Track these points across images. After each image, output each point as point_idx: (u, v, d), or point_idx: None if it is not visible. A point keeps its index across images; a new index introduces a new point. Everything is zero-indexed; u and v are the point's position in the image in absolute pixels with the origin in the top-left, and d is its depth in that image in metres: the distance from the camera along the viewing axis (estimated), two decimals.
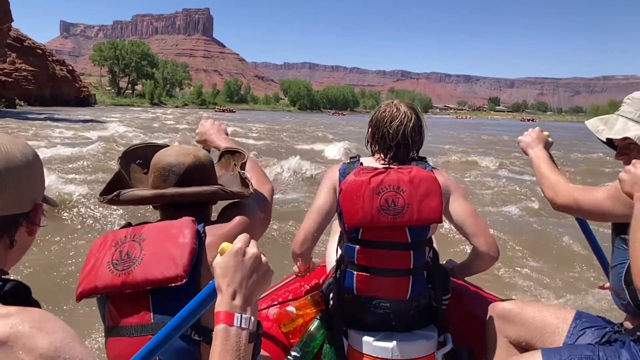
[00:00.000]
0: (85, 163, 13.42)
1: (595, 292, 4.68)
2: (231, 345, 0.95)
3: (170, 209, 1.48)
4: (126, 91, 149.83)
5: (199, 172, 1.49)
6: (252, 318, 0.99)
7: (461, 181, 11.52)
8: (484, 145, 27.89)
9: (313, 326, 2.16)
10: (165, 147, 1.61)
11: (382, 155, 2.09)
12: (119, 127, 26.41)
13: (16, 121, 35.26)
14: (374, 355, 1.98)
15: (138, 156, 1.66)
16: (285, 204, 8.68)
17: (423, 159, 2.11)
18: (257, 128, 35.53)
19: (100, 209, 7.31)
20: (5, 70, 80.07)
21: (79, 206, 7.38)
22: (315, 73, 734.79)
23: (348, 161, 2.14)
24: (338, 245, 2.17)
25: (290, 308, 2.22)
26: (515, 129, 69.20)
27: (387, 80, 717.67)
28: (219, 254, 1.04)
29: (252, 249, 1.03)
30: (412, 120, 2.06)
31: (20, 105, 74.26)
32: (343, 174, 2.05)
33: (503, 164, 16.83)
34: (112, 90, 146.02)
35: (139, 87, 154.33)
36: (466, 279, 2.37)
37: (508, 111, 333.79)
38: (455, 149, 22.64)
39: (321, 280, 2.43)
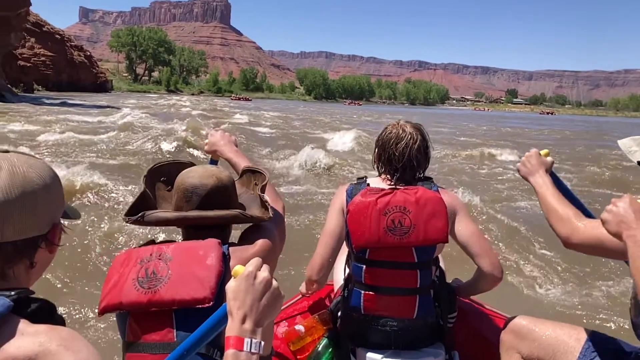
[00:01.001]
0: (99, 148, 13.37)
1: (611, 310, 4.41)
2: None
3: (192, 229, 1.52)
4: (143, 78, 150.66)
5: (221, 194, 1.52)
6: (262, 342, 0.99)
7: (478, 187, 11.10)
8: (505, 137, 27.37)
9: (321, 345, 2.22)
10: (190, 164, 1.68)
11: (388, 176, 2.13)
12: (134, 113, 26.36)
13: (32, 106, 35.57)
14: None
15: (163, 173, 1.71)
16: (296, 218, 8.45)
17: (429, 179, 2.14)
18: (271, 116, 35.33)
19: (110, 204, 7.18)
20: (24, 55, 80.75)
21: (94, 195, 7.27)
22: (331, 62, 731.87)
23: (355, 182, 2.18)
24: (346, 264, 2.22)
25: (299, 327, 2.26)
26: (536, 121, 68.55)
27: (404, 70, 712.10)
28: (232, 277, 1.04)
29: (264, 273, 1.03)
30: (418, 142, 2.09)
31: (38, 90, 74.95)
32: (350, 195, 2.09)
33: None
34: (129, 77, 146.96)
35: (155, 74, 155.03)
36: (472, 297, 2.41)
37: (526, 104, 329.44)
38: (476, 142, 22.17)
39: (328, 299, 2.50)
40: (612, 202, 1.46)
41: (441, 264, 2.21)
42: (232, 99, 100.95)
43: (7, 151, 1.00)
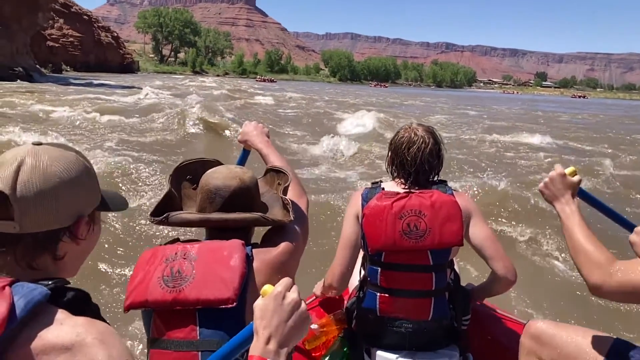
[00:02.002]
0: (123, 128, 13.26)
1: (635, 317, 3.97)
2: None
3: (216, 230, 1.56)
4: (169, 59, 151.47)
5: (244, 195, 1.55)
6: None
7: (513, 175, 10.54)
8: (536, 121, 26.50)
9: (336, 344, 2.27)
10: (216, 162, 1.72)
11: (402, 180, 2.14)
12: (158, 93, 26.41)
13: (59, 86, 35.87)
14: None
15: (189, 171, 1.75)
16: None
17: (444, 182, 2.15)
18: (295, 97, 34.93)
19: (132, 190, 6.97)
20: (53, 36, 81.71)
21: (119, 179, 7.09)
22: (356, 44, 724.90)
23: (370, 186, 2.19)
24: (361, 266, 2.23)
25: (314, 326, 2.26)
26: (568, 105, 66.58)
27: (430, 52, 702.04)
28: (260, 296, 1.04)
29: (293, 294, 1.03)
30: (430, 145, 2.10)
31: (67, 70, 75.90)
32: (365, 199, 2.11)
33: (567, 147, 15.43)
34: (155, 58, 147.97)
35: (181, 55, 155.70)
36: (485, 300, 2.42)
37: (555, 87, 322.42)
38: (506, 125, 21.41)
39: (342, 299, 2.52)
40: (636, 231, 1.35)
41: (455, 267, 2.23)
42: (256, 81, 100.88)
43: (39, 143, 1.01)
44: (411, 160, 2.09)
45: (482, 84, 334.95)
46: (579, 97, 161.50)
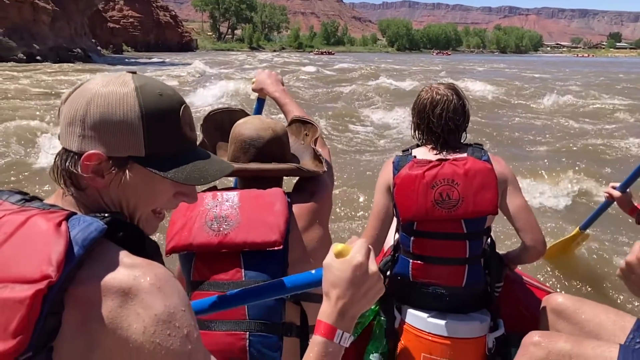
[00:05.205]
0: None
1: None
2: None
3: (250, 180, 1.59)
4: (226, 36, 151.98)
5: (276, 146, 1.58)
6: (350, 336, 0.96)
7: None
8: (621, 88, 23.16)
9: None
10: (241, 112, 1.77)
11: (432, 145, 2.07)
12: (210, 69, 26.40)
13: (111, 65, 36.10)
14: (426, 331, 2.02)
15: (216, 121, 1.77)
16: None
17: (479, 146, 2.08)
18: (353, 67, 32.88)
19: None
20: (114, 18, 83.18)
21: None
22: (414, 12, 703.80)
23: (401, 154, 2.14)
24: (395, 230, 2.19)
25: None
26: None
27: (492, 17, 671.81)
28: (333, 255, 0.96)
29: (373, 267, 0.95)
30: (453, 102, 2.02)
31: (127, 51, 76.99)
32: (397, 167, 2.06)
33: None
34: (213, 36, 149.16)
35: (238, 32, 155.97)
36: (519, 268, 2.41)
37: (631, 48, 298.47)
38: (586, 94, 18.47)
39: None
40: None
41: (492, 233, 2.16)
42: (314, 54, 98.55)
43: (134, 72, 0.93)
44: (437, 121, 2.00)
45: (549, 48, 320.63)
46: None
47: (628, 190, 2.52)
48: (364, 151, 8.24)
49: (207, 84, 15.96)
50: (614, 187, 2.52)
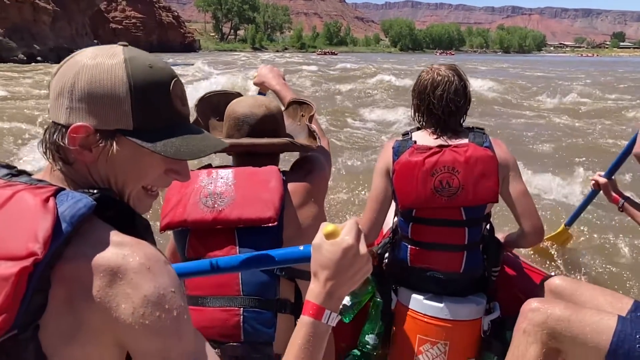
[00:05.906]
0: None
1: None
2: (314, 341, 0.92)
3: (245, 156, 1.59)
4: (229, 37, 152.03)
5: (270, 122, 1.58)
6: (338, 316, 0.96)
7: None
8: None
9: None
10: (237, 95, 1.76)
11: (432, 129, 2.04)
12: (212, 69, 26.43)
13: None
14: (422, 313, 2.02)
15: (212, 103, 1.78)
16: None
17: (481, 130, 2.04)
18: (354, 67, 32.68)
19: None
20: (116, 18, 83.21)
21: None
22: (417, 12, 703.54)
23: (401, 138, 2.10)
24: (394, 214, 2.17)
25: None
26: None
27: (495, 17, 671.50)
28: (322, 235, 0.94)
29: (363, 249, 0.93)
30: (455, 83, 1.97)
31: None
32: (397, 153, 2.02)
33: None
34: (216, 36, 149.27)
35: (241, 33, 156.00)
36: (514, 251, 2.42)
37: (635, 47, 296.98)
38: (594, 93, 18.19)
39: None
40: None
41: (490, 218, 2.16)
42: (317, 54, 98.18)
43: (126, 45, 0.90)
44: (437, 103, 1.96)
45: (552, 48, 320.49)
46: None
47: (613, 177, 2.50)
48: (366, 147, 8.08)
49: (208, 81, 15.89)
50: (600, 175, 2.52)
